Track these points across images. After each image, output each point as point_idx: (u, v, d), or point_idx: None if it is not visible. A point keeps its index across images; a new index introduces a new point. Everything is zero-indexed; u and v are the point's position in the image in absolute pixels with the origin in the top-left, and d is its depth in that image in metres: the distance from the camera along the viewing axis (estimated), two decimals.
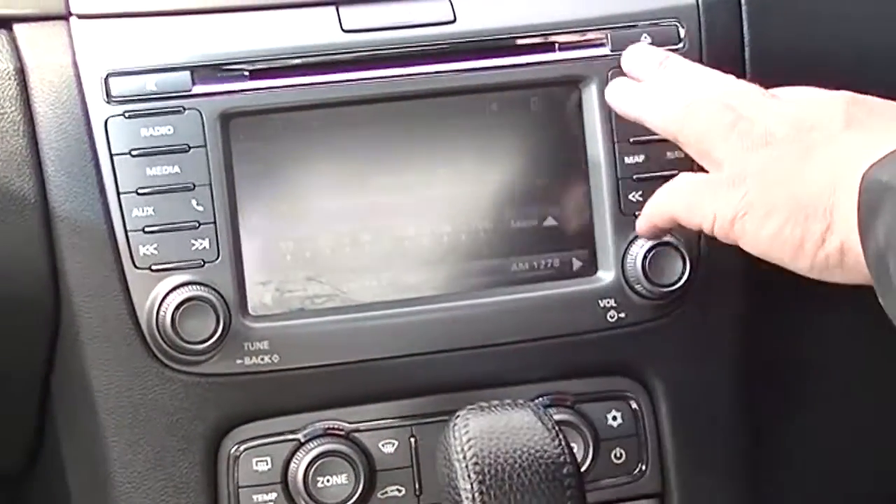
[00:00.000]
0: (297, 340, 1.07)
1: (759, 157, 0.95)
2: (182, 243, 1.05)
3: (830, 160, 0.91)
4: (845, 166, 0.89)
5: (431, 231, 1.09)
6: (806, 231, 0.92)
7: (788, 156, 0.94)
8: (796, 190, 0.92)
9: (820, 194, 0.91)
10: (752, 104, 0.99)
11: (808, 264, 0.93)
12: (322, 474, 1.08)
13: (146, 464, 1.07)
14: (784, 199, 0.93)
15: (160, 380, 1.06)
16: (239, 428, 1.09)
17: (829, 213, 0.90)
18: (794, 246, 0.93)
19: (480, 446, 0.96)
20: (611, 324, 1.11)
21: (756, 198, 0.94)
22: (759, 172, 0.95)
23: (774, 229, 0.93)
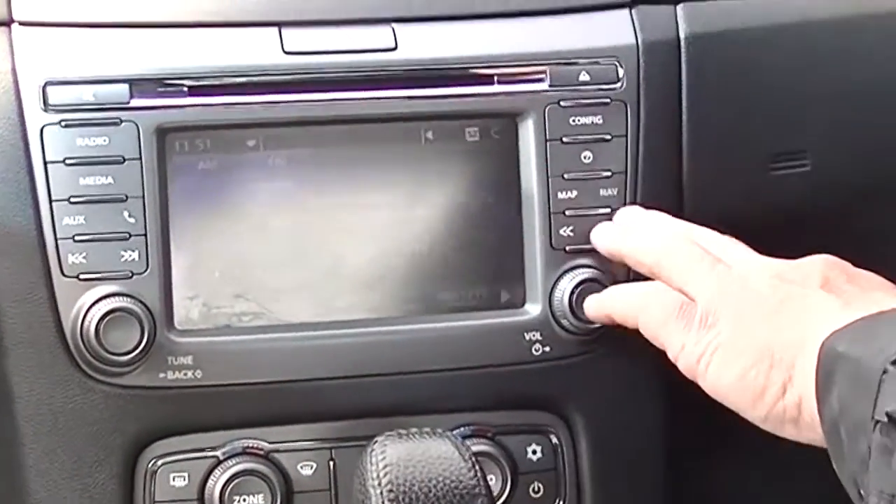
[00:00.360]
0: (222, 357, 1.07)
1: (735, 300, 0.97)
2: (111, 254, 1.05)
3: (801, 316, 0.93)
4: (813, 326, 0.91)
5: (362, 255, 1.10)
6: (768, 380, 0.93)
7: (763, 304, 0.96)
8: (766, 338, 0.94)
9: (787, 347, 0.93)
10: (733, 252, 1.02)
11: (764, 413, 0.94)
12: (239, 493, 1.08)
13: (63, 473, 1.07)
14: (753, 345, 0.94)
15: (81, 389, 1.06)
16: (158, 442, 1.08)
17: (792, 366, 0.92)
18: (754, 393, 0.94)
19: (396, 473, 0.96)
20: (535, 357, 1.12)
21: (726, 340, 0.96)
22: (732, 316, 0.96)
23: (738, 373, 0.95)
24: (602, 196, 1.12)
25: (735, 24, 1.17)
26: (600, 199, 1.12)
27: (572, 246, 1.11)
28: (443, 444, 0.99)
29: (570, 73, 1.12)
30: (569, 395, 1.14)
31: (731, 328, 0.96)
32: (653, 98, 1.13)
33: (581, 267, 1.11)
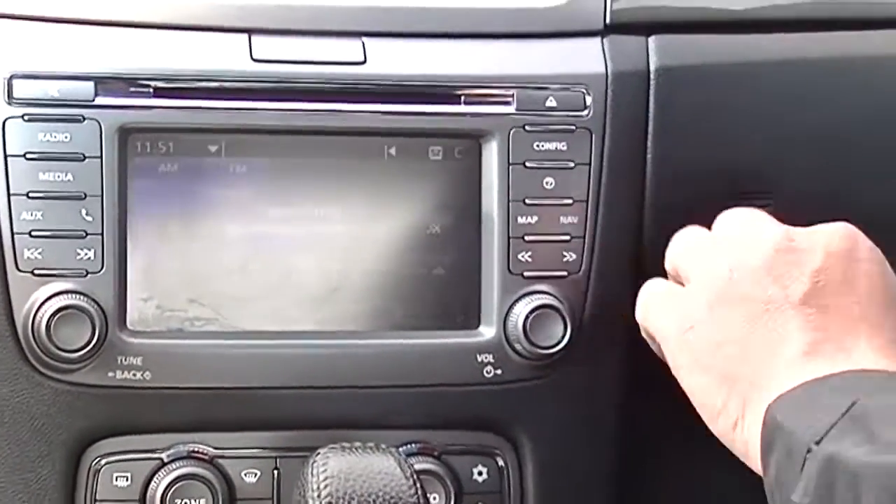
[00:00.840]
0: (172, 360, 1.07)
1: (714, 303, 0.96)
2: (67, 251, 1.05)
3: (767, 349, 0.92)
4: (772, 370, 0.90)
5: (319, 267, 1.10)
6: (725, 407, 0.93)
7: (737, 314, 0.95)
8: (732, 361, 0.94)
9: (746, 383, 0.92)
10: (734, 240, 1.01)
11: (718, 431, 0.95)
12: (181, 497, 1.08)
13: (5, 466, 1.07)
14: (719, 364, 0.94)
15: (30, 384, 1.06)
16: (103, 441, 1.08)
17: (745, 408, 0.92)
18: (711, 413, 0.95)
19: (336, 486, 0.96)
20: (487, 379, 1.12)
21: (696, 345, 0.96)
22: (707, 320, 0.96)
23: (702, 385, 0.95)
24: (562, 223, 1.12)
25: (707, 59, 1.17)
26: (560, 225, 1.12)
27: (530, 272, 1.11)
28: (385, 459, 0.99)
29: (537, 98, 1.12)
30: (518, 419, 1.14)
31: (704, 331, 0.96)
32: (618, 128, 1.13)
33: (537, 293, 1.11)
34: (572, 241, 1.12)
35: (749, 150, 1.17)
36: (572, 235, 1.12)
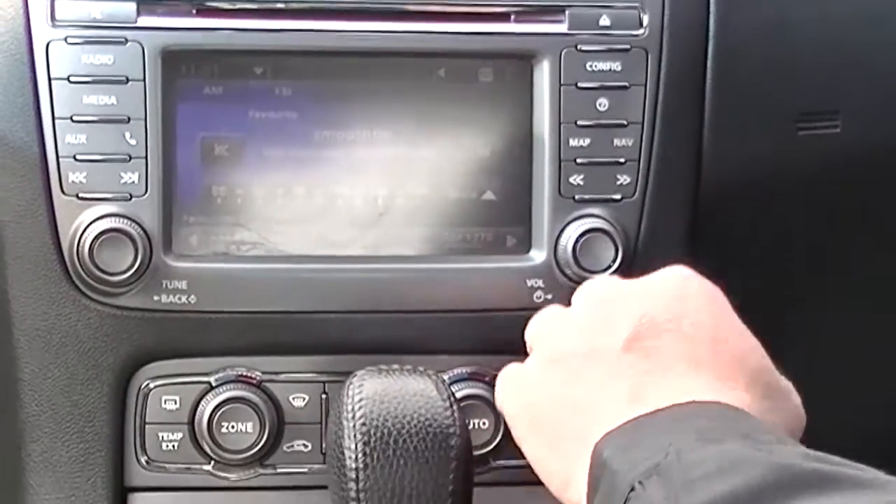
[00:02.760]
0: (217, 284, 1.07)
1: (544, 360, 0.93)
2: (111, 174, 1.05)
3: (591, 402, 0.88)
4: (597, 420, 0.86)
5: (366, 191, 1.09)
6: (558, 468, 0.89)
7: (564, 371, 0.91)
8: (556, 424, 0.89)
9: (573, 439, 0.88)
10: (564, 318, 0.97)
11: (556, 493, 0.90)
12: (229, 420, 1.08)
13: (55, 389, 1.08)
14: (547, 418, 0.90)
15: (76, 308, 1.07)
16: (150, 365, 1.09)
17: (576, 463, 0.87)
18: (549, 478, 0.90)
19: (371, 407, 0.94)
20: (536, 304, 1.09)
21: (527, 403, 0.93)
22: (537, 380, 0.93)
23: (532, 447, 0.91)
24: (616, 146, 1.09)
25: None
26: (614, 148, 1.09)
27: (581, 195, 1.09)
28: (421, 381, 0.98)
29: (590, 16, 1.09)
30: None
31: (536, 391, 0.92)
32: (676, 48, 1.10)
33: (589, 216, 1.09)
34: (626, 165, 1.10)
35: (813, 72, 1.13)
36: (626, 158, 1.09)
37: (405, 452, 0.93)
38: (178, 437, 1.09)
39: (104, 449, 1.08)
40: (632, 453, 0.80)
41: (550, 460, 0.90)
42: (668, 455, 0.76)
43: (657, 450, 0.78)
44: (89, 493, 1.08)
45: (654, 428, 0.81)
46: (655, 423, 0.82)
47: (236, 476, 1.10)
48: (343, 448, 0.95)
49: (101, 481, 1.08)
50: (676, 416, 0.82)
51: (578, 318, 0.94)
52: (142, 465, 1.09)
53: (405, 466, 0.93)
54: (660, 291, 0.92)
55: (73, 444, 1.08)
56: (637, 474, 0.77)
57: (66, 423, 1.08)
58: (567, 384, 0.90)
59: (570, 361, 0.91)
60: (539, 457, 0.91)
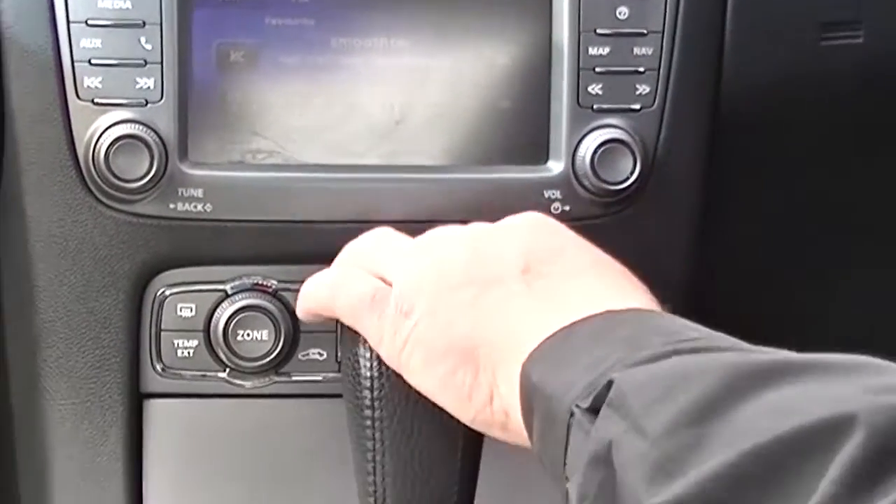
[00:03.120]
0: (233, 192, 1.07)
1: (431, 287, 0.91)
2: (127, 80, 1.04)
3: (500, 315, 0.87)
4: (512, 332, 0.85)
5: (383, 100, 1.08)
6: (476, 383, 0.87)
7: (460, 294, 0.89)
8: (467, 337, 0.88)
9: (490, 351, 0.86)
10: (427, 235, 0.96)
11: (472, 416, 0.88)
12: (244, 328, 1.08)
13: (71, 295, 1.08)
14: (455, 344, 0.88)
15: (92, 214, 1.06)
16: (167, 272, 1.08)
17: (496, 375, 0.86)
18: (461, 395, 0.88)
19: None
20: (554, 215, 1.08)
21: (425, 336, 0.90)
22: (428, 306, 0.90)
23: (443, 374, 0.89)
24: (636, 55, 1.08)
25: None
26: (634, 57, 1.08)
27: (600, 105, 1.08)
28: None
29: None
30: None
31: (429, 321, 0.90)
32: None
33: (607, 127, 1.08)
34: (646, 74, 1.09)
35: None
36: (646, 68, 1.08)
37: None
38: (194, 345, 1.09)
39: (120, 355, 1.08)
40: (562, 374, 0.78)
41: (463, 376, 0.88)
42: (603, 374, 0.75)
43: (588, 367, 0.77)
44: (105, 399, 1.08)
45: (578, 342, 0.80)
46: (578, 337, 0.81)
47: (251, 384, 1.10)
48: (358, 356, 0.95)
49: (116, 387, 1.09)
50: (597, 328, 0.81)
51: (455, 252, 0.92)
52: (157, 371, 1.09)
53: None
54: (531, 228, 0.93)
55: (89, 350, 1.08)
56: (573, 397, 0.76)
57: (82, 329, 1.08)
58: (473, 306, 0.89)
59: (469, 288, 0.90)
60: (448, 377, 0.89)
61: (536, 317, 0.85)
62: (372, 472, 0.95)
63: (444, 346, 0.89)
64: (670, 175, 1.10)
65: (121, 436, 1.09)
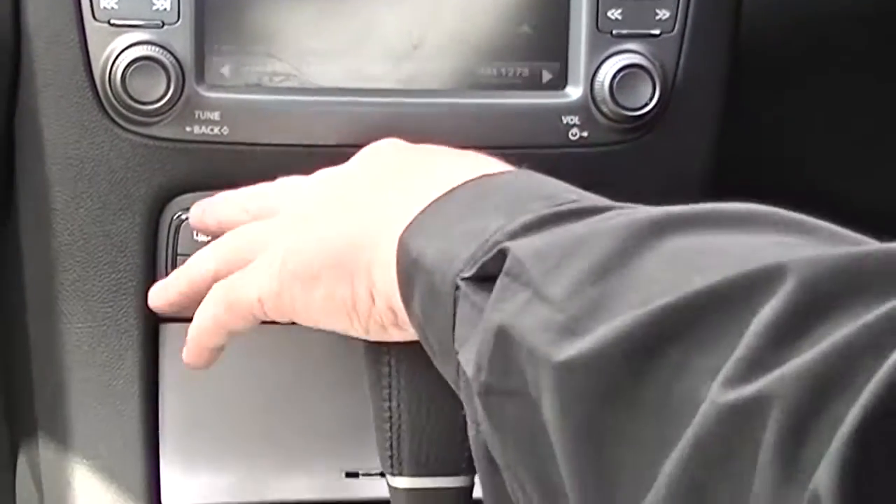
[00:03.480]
0: (250, 115, 1.06)
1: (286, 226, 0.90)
2: (143, 1, 1.04)
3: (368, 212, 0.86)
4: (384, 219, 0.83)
5: (401, 22, 1.07)
6: (354, 293, 0.86)
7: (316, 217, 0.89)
8: (333, 249, 0.87)
9: (360, 251, 0.85)
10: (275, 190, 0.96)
11: (364, 326, 0.87)
12: None
13: (87, 218, 1.07)
14: (324, 263, 0.87)
15: (108, 136, 1.06)
16: (183, 196, 1.08)
17: (371, 270, 0.84)
18: (347, 310, 0.87)
19: None
20: (572, 142, 1.08)
21: (289, 265, 0.89)
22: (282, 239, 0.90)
23: (323, 297, 0.87)
24: None
25: None
26: None
27: (619, 29, 1.07)
28: None
29: None
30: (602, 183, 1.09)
31: (284, 251, 0.89)
32: None
33: (627, 52, 1.07)
34: None
35: None
36: None
37: None
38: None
39: (136, 279, 1.08)
40: (442, 246, 0.77)
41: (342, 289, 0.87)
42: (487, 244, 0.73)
43: (468, 237, 0.75)
44: (122, 323, 1.08)
45: (455, 211, 0.79)
46: (454, 205, 0.79)
47: None
48: None
49: (133, 311, 1.09)
50: (472, 194, 0.80)
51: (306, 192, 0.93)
52: None
53: None
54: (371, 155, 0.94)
55: (106, 273, 1.08)
56: (456, 270, 0.74)
57: (99, 252, 1.08)
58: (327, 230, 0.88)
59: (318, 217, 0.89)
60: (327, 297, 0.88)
61: (404, 198, 0.83)
62: (387, 398, 0.95)
63: (315, 271, 0.88)
64: (690, 101, 1.09)
65: (137, 359, 1.09)
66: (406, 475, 0.95)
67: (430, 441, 0.94)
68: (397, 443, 0.95)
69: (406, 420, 0.95)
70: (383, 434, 0.96)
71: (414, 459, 0.95)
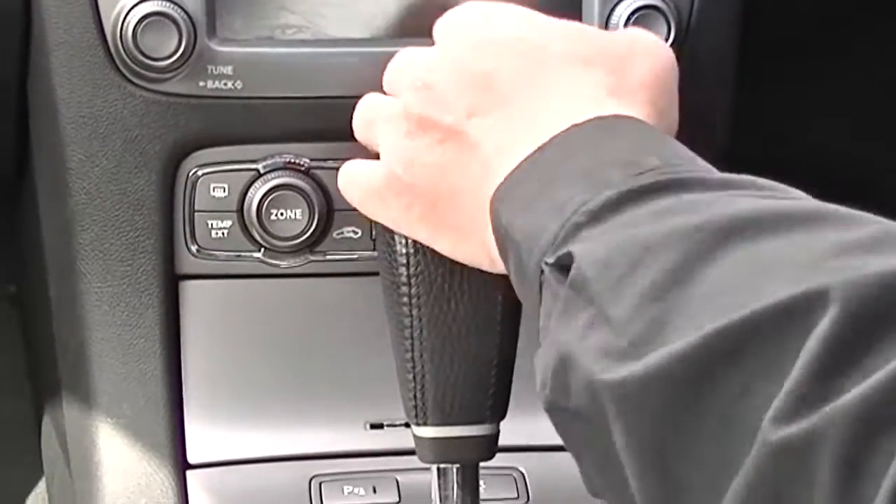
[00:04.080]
0: (263, 68, 1.05)
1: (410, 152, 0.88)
2: None
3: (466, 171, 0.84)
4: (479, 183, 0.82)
5: None
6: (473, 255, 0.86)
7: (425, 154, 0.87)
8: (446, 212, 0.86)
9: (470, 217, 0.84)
10: None
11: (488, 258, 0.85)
12: (278, 207, 1.07)
13: (103, 177, 1.07)
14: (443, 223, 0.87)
15: (121, 94, 1.06)
16: (198, 152, 1.08)
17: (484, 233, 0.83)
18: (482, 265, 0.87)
19: None
20: None
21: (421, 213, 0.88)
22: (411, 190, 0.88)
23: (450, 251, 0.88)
24: None
25: None
26: None
27: None
28: None
29: None
30: None
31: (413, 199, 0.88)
32: None
33: None
34: None
35: None
36: None
37: None
38: (228, 225, 1.08)
39: (154, 237, 1.08)
40: (528, 217, 0.76)
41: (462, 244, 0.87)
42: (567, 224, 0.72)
43: (552, 212, 0.74)
44: (140, 281, 1.08)
45: (543, 175, 0.77)
46: (544, 167, 0.78)
47: (286, 263, 1.09)
48: (393, 233, 0.94)
49: (151, 269, 1.08)
50: (558, 153, 0.78)
51: None
52: (192, 253, 1.09)
53: None
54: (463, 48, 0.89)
55: (123, 232, 1.08)
56: (542, 249, 0.73)
57: (116, 211, 1.08)
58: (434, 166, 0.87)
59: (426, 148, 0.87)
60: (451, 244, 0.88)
61: (505, 139, 0.82)
62: (410, 348, 0.95)
63: (437, 224, 0.87)
64: (704, 43, 1.09)
65: (157, 317, 1.09)
66: (431, 425, 0.95)
67: (455, 390, 0.94)
68: (421, 393, 0.95)
69: (430, 370, 0.94)
70: (407, 385, 0.96)
71: (439, 409, 0.94)
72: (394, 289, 0.95)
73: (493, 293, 0.92)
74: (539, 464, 1.09)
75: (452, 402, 0.94)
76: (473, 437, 0.94)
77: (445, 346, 0.94)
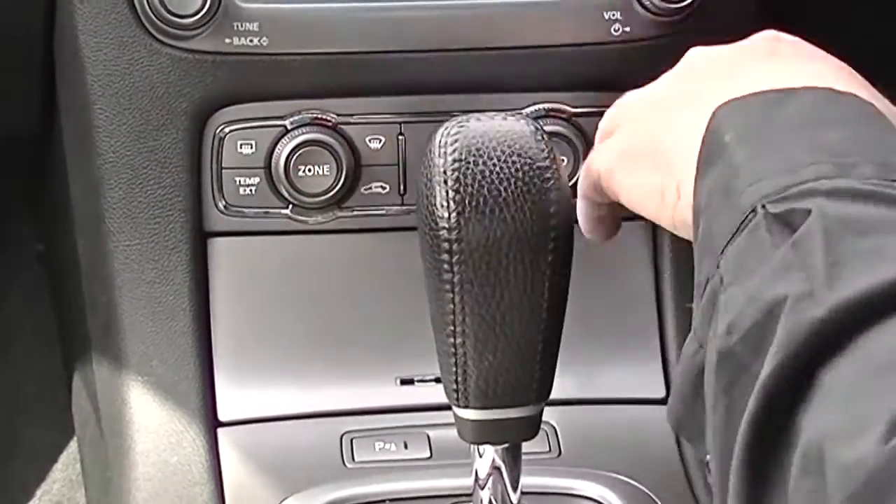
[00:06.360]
0: (289, 24, 1.05)
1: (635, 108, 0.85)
2: None
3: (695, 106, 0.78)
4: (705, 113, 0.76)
5: None
6: (664, 183, 0.80)
7: (662, 104, 0.83)
8: (661, 137, 0.81)
9: (677, 143, 0.79)
10: None
11: (671, 221, 0.81)
12: (305, 163, 1.07)
13: (130, 135, 1.07)
14: (646, 147, 0.82)
15: (148, 52, 1.05)
16: (225, 109, 1.07)
17: (683, 163, 0.78)
18: (656, 198, 0.81)
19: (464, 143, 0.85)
20: (614, 38, 1.07)
21: (623, 146, 0.84)
22: (629, 121, 0.85)
23: (638, 180, 0.82)
24: None
25: None
26: None
27: None
28: (515, 122, 0.91)
29: None
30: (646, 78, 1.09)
31: (626, 133, 0.85)
32: None
33: None
34: None
35: None
36: None
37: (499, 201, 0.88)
38: (255, 182, 1.08)
39: (182, 194, 1.08)
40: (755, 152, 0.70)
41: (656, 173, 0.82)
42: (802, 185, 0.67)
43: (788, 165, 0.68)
44: (169, 238, 1.08)
45: (785, 122, 0.72)
46: (785, 115, 0.72)
47: (314, 219, 1.09)
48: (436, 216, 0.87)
49: (179, 227, 1.08)
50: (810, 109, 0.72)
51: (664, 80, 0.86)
52: (220, 209, 1.09)
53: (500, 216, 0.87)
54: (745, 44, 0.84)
55: (151, 190, 1.08)
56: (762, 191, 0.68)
57: (143, 169, 1.08)
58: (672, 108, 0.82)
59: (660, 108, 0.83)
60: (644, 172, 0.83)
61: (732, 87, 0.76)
62: (452, 334, 0.91)
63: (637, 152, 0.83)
64: None
65: (186, 274, 1.09)
66: (473, 408, 0.92)
67: (498, 376, 0.90)
68: (463, 378, 0.91)
69: (472, 356, 0.90)
70: (448, 369, 0.91)
71: (481, 393, 0.91)
72: (436, 274, 0.90)
73: (541, 280, 0.88)
74: (570, 417, 1.09)
75: (496, 387, 0.90)
76: (516, 419, 0.92)
77: (489, 334, 0.89)
